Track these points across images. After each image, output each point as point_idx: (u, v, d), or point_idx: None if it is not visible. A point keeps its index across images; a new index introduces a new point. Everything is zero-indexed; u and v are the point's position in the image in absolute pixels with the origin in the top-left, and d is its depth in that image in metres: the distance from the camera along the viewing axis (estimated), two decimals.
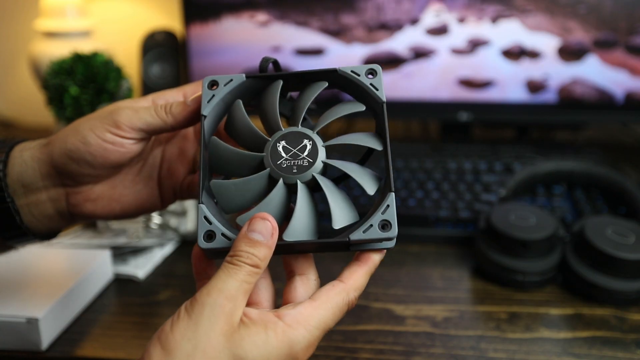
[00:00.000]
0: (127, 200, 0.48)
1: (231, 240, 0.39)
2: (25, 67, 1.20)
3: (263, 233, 0.37)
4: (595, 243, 0.60)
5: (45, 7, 1.04)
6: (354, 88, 0.43)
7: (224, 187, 0.41)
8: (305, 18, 0.93)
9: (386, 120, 0.41)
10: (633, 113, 0.90)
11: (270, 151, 0.41)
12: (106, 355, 0.54)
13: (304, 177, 0.40)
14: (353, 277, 0.39)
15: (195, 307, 0.35)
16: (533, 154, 0.87)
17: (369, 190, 0.40)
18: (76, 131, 0.44)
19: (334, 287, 0.38)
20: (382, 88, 0.42)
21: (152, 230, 0.72)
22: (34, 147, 0.46)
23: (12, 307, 0.54)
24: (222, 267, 0.36)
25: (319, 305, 0.37)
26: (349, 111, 0.42)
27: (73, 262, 0.63)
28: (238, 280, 0.36)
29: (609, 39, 0.87)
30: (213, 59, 0.96)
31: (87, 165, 0.45)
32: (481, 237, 0.66)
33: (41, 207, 0.47)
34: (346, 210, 0.40)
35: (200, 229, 0.39)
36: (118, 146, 0.44)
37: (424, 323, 0.57)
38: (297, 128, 0.41)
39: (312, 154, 0.40)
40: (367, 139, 0.42)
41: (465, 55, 0.91)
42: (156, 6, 1.17)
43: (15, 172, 0.45)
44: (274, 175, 0.40)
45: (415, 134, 1.13)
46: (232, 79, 0.43)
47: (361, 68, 0.42)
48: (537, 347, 0.53)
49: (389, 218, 0.38)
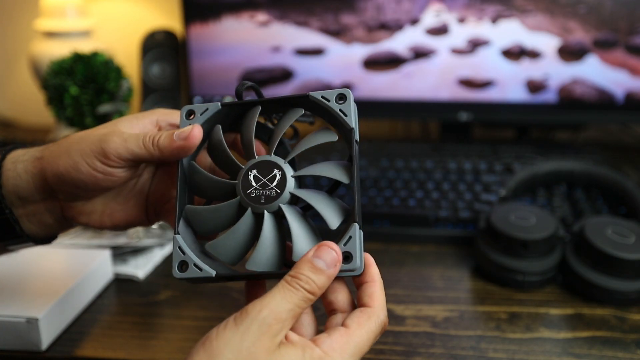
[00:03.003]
0: (117, 216, 0.48)
1: (202, 270, 0.40)
2: (25, 67, 1.20)
3: (327, 262, 0.37)
4: (595, 243, 0.60)
5: (45, 7, 1.04)
6: (326, 113, 0.43)
7: (197, 213, 0.43)
8: (305, 18, 0.93)
9: (355, 147, 0.41)
10: (633, 113, 0.90)
11: (242, 180, 0.42)
12: (106, 355, 0.54)
13: (271, 208, 0.41)
14: (375, 297, 0.39)
15: (245, 321, 0.35)
16: (533, 154, 0.87)
17: (331, 223, 0.40)
18: (68, 154, 0.44)
19: (363, 312, 0.39)
20: (351, 114, 0.42)
21: (152, 230, 0.72)
22: (27, 160, 0.46)
23: (12, 307, 0.54)
24: (280, 286, 0.37)
25: (352, 332, 0.37)
26: (322, 141, 0.43)
27: (73, 262, 0.63)
28: (292, 303, 0.36)
29: (609, 39, 0.87)
30: (213, 59, 0.96)
31: (78, 189, 0.45)
32: (481, 237, 0.66)
33: (39, 217, 0.47)
34: (308, 242, 0.40)
35: (174, 259, 0.41)
36: (108, 175, 0.44)
37: (424, 323, 0.57)
38: (270, 157, 0.42)
39: (281, 185, 0.41)
40: (336, 171, 0.42)
41: (465, 55, 0.91)
42: (156, 6, 1.17)
43: (10, 184, 0.46)
44: (243, 204, 0.41)
45: (415, 134, 1.13)
46: (207, 107, 0.45)
47: (331, 93, 0.42)
48: (537, 347, 0.53)
49: (351, 250, 0.38)
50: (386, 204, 0.76)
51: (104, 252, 0.64)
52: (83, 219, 0.47)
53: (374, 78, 0.94)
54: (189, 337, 0.56)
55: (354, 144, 0.41)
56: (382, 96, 0.95)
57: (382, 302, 0.39)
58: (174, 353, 0.53)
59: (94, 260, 0.62)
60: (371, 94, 0.95)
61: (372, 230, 0.73)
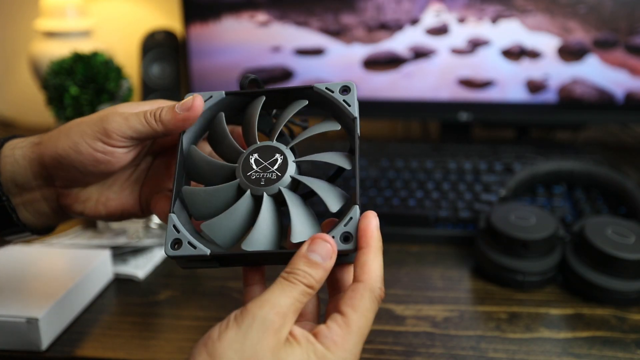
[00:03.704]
0: (112, 205, 0.48)
1: (197, 248, 0.40)
2: (25, 67, 1.20)
3: (322, 255, 0.37)
4: (595, 243, 0.60)
5: (45, 7, 1.04)
6: (329, 105, 0.44)
7: (194, 194, 0.42)
8: (305, 18, 0.93)
9: (357, 135, 0.42)
10: (633, 113, 0.90)
11: (242, 163, 0.42)
12: (106, 355, 0.54)
13: (271, 190, 0.40)
14: (366, 268, 0.38)
15: (246, 319, 0.35)
16: (533, 154, 0.87)
17: (332, 207, 0.40)
18: (67, 135, 0.44)
19: (356, 291, 0.37)
20: (354, 104, 0.42)
21: (152, 230, 0.72)
22: (25, 146, 0.46)
23: (12, 307, 0.54)
24: (277, 282, 0.36)
25: (349, 320, 0.36)
26: (324, 129, 0.43)
27: (73, 262, 0.63)
28: (291, 297, 0.36)
29: (609, 39, 0.87)
30: (213, 59, 0.96)
31: (76, 171, 0.45)
32: (481, 237, 0.66)
33: (36, 205, 0.47)
34: (307, 225, 0.40)
35: (168, 237, 0.40)
36: (109, 155, 0.44)
37: (424, 323, 0.57)
38: (272, 142, 0.42)
39: (282, 168, 0.41)
40: (338, 158, 0.42)
41: (465, 55, 0.91)
42: (156, 6, 1.17)
43: (7, 171, 0.45)
44: (242, 186, 0.41)
45: (415, 134, 1.13)
46: (211, 95, 0.45)
47: (335, 85, 0.43)
48: (537, 347, 0.53)
49: (352, 230, 0.38)
50: (386, 204, 0.76)
51: (104, 252, 0.64)
52: (78, 207, 0.47)
53: (374, 78, 0.94)
54: (189, 337, 0.56)
55: (356, 133, 0.41)
56: (382, 96, 0.95)
57: (374, 273, 0.37)
58: (174, 353, 0.53)
59: (94, 260, 0.62)
60: (371, 94, 0.95)
61: None
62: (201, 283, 0.65)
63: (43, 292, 0.56)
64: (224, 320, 0.35)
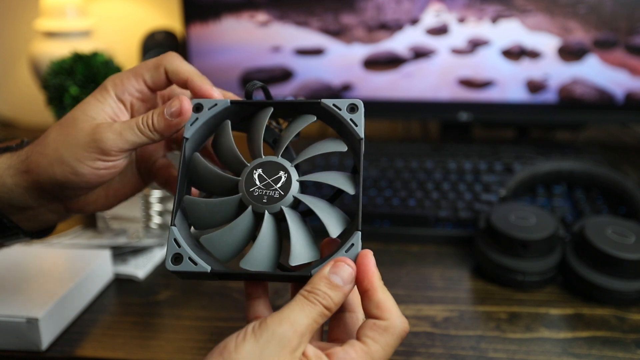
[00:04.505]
0: (121, 192, 0.50)
1: (197, 264, 0.40)
2: (25, 67, 1.20)
3: (344, 278, 0.37)
4: (595, 243, 0.60)
5: (45, 7, 1.04)
6: (335, 121, 0.43)
7: (195, 204, 0.42)
8: (305, 18, 0.93)
9: (362, 157, 0.41)
10: (633, 113, 0.90)
11: (245, 177, 0.41)
12: (106, 355, 0.54)
13: (273, 209, 0.40)
14: (384, 307, 0.37)
15: (265, 334, 0.35)
16: (533, 154, 0.87)
17: (332, 232, 0.40)
18: (61, 162, 0.43)
19: (378, 326, 0.37)
20: (362, 124, 0.42)
21: (152, 230, 0.72)
22: (14, 175, 0.44)
23: (12, 307, 0.54)
24: (297, 300, 0.37)
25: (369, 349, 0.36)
26: (330, 149, 0.42)
27: (73, 262, 0.63)
28: (310, 318, 0.36)
29: (609, 39, 0.87)
30: (213, 58, 0.96)
31: (81, 189, 0.45)
32: (481, 237, 0.66)
33: (40, 217, 0.47)
34: (307, 247, 0.40)
35: (168, 251, 0.40)
36: (110, 169, 0.44)
37: (424, 323, 0.57)
38: (276, 158, 0.42)
39: (285, 187, 0.41)
40: (342, 180, 0.42)
41: (465, 55, 0.91)
42: (156, 6, 1.17)
43: (3, 198, 0.45)
44: (244, 201, 0.41)
45: (415, 134, 1.13)
46: (216, 103, 0.44)
47: (343, 102, 0.42)
48: (537, 347, 0.53)
49: (353, 258, 0.38)
50: (386, 204, 0.76)
51: (104, 252, 0.64)
52: (89, 207, 0.49)
53: (374, 78, 0.94)
54: (189, 337, 0.56)
55: (361, 154, 0.41)
56: (382, 96, 0.95)
57: (395, 310, 0.37)
58: (174, 353, 0.54)
59: (94, 260, 0.62)
60: (371, 94, 0.95)
61: (372, 230, 0.73)
62: (201, 283, 0.65)
63: (43, 292, 0.56)
64: (241, 331, 0.35)
